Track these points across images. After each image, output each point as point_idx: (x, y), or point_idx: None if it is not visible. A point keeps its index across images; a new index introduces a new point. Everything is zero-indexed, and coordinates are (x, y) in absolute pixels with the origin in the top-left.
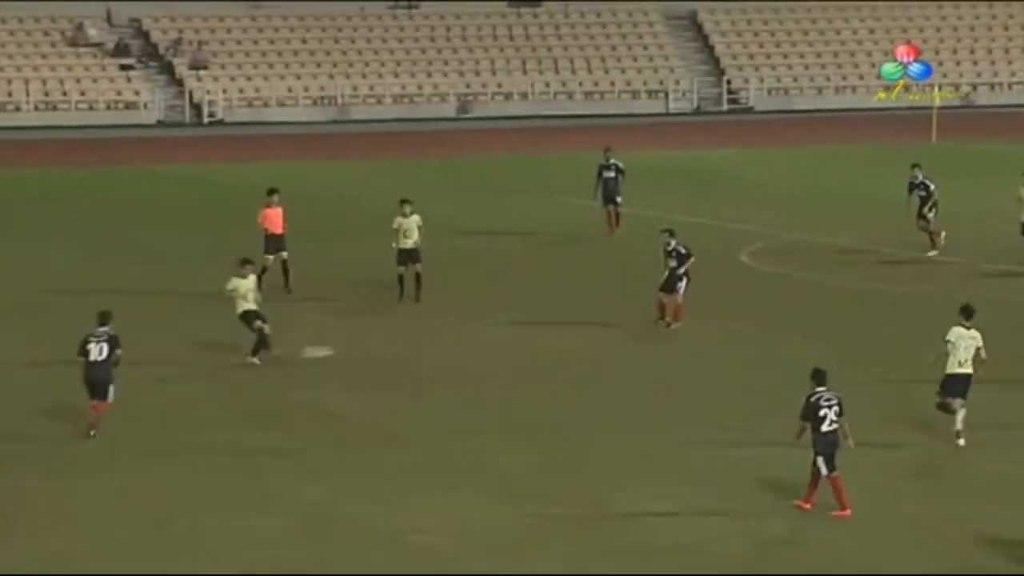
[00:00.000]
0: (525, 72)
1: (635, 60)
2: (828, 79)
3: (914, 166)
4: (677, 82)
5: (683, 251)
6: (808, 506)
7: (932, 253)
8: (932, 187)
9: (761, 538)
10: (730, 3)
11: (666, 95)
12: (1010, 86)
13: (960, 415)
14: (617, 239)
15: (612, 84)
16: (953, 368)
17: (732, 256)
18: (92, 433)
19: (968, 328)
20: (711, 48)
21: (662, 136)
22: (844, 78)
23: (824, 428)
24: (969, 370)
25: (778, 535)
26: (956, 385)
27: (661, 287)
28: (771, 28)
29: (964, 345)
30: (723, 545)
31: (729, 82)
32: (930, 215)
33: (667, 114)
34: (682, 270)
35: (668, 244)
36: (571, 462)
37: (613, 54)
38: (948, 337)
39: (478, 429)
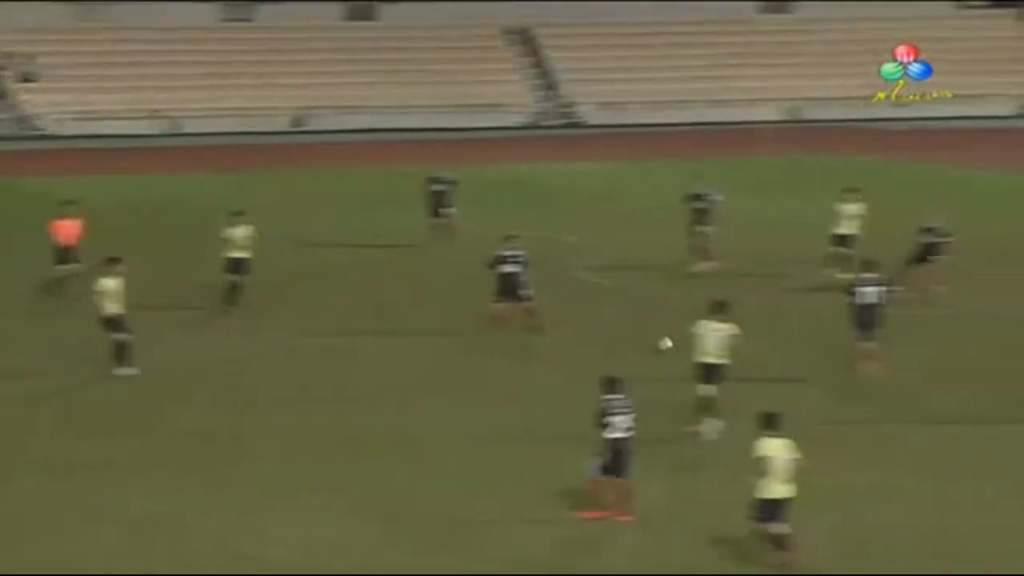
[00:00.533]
0: (363, 86)
1: (471, 74)
2: (660, 94)
3: (695, 177)
4: (512, 96)
5: (524, 257)
6: (595, 515)
7: (699, 268)
8: (717, 197)
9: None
10: (564, 19)
11: (501, 109)
12: (836, 101)
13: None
14: (451, 250)
15: (448, 98)
16: (700, 358)
17: (566, 269)
18: None
19: (718, 321)
20: (545, 63)
21: (497, 150)
22: (677, 93)
23: (609, 434)
24: (717, 360)
25: (596, 538)
26: (704, 373)
27: (498, 296)
28: (604, 43)
29: (710, 337)
30: (546, 551)
31: (563, 97)
32: (707, 229)
33: (502, 128)
34: (526, 276)
35: (510, 250)
36: (413, 472)
37: (449, 68)
38: (694, 329)
39: (321, 441)
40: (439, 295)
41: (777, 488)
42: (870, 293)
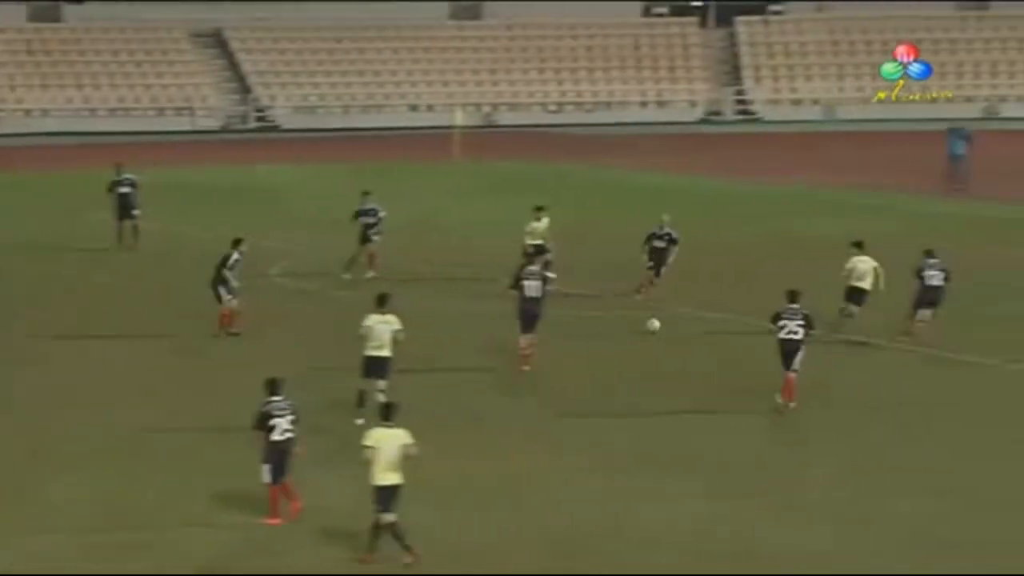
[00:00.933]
0: (46, 88)
1: (160, 77)
2: (354, 98)
3: (364, 193)
4: (203, 99)
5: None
6: (276, 521)
7: (371, 275)
8: (382, 213)
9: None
10: (256, 22)
11: (192, 112)
12: (529, 107)
13: (379, 396)
14: (142, 253)
15: (137, 101)
16: (369, 351)
17: (261, 272)
18: None
19: (383, 314)
20: (237, 66)
21: (189, 153)
22: (371, 97)
23: (274, 437)
24: (386, 353)
25: (279, 539)
26: (372, 366)
27: (224, 298)
28: (298, 47)
29: (378, 329)
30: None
31: (256, 100)
32: (376, 239)
33: (194, 131)
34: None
35: (241, 255)
36: (105, 477)
37: (138, 71)
38: (365, 323)
39: (8, 449)
40: (136, 298)
41: (384, 476)
42: (534, 286)
